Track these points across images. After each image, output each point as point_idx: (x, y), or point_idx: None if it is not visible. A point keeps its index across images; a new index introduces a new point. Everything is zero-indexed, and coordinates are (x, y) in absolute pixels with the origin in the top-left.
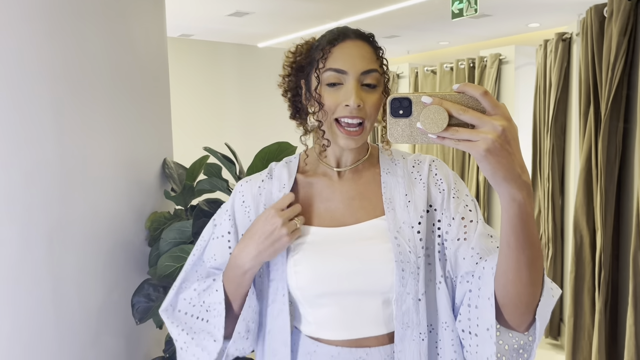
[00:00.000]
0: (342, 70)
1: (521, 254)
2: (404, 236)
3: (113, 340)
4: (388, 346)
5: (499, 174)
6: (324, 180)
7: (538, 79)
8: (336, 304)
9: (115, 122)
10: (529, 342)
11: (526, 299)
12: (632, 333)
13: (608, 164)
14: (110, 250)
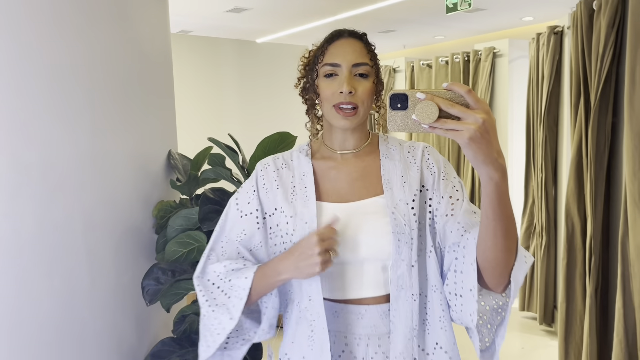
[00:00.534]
0: (336, 63)
1: (498, 224)
2: (400, 212)
3: (124, 322)
4: (384, 305)
5: (480, 158)
6: (330, 162)
7: (531, 72)
8: (341, 269)
9: (123, 116)
10: (505, 302)
11: (503, 263)
12: (621, 315)
13: (597, 154)
14: (121, 236)
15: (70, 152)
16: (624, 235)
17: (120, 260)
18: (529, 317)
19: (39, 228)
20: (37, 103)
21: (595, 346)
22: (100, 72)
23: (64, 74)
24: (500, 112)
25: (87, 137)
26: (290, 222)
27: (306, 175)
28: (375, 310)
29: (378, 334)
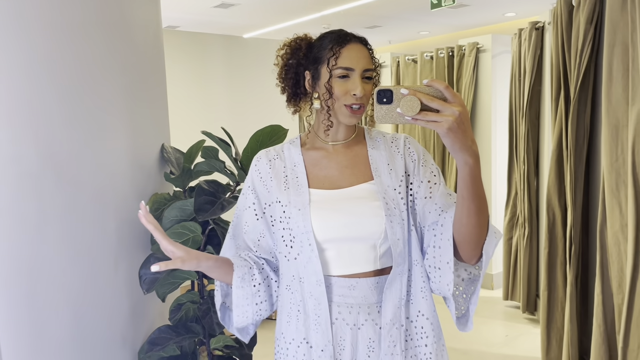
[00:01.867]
0: (350, 68)
1: (472, 203)
2: (389, 196)
3: (122, 311)
4: (373, 278)
5: (456, 146)
6: (322, 152)
7: (513, 67)
8: (335, 247)
9: (117, 110)
10: (478, 273)
11: (476, 238)
12: (600, 301)
13: (577, 146)
14: (117, 228)
15: (68, 146)
16: (602, 224)
17: (118, 251)
18: (512, 306)
19: (41, 220)
20: (35, 99)
21: (576, 332)
22: (95, 68)
23: (57, 69)
24: (484, 106)
25: (84, 131)
26: (286, 210)
27: (297, 166)
28: (365, 282)
29: (367, 304)
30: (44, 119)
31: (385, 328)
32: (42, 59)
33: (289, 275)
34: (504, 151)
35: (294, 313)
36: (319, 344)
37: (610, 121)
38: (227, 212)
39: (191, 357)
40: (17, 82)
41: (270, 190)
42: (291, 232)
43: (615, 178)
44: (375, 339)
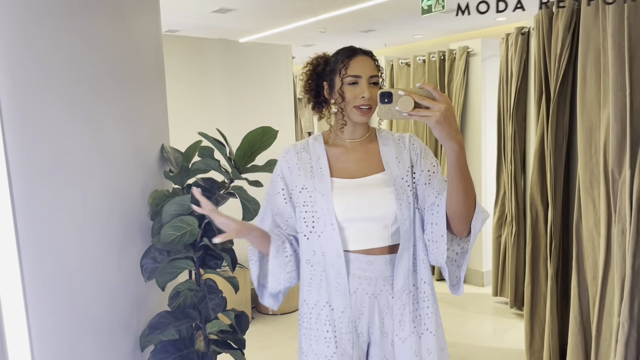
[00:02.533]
0: (358, 75)
1: (459, 183)
2: (398, 184)
3: (125, 298)
4: (387, 255)
5: (443, 135)
6: (341, 149)
7: (501, 70)
8: (354, 226)
9: (121, 113)
10: (467, 246)
11: (464, 214)
12: (576, 294)
13: (556, 147)
14: (121, 222)
15: (79, 146)
16: (578, 220)
17: (121, 244)
18: (501, 302)
19: (54, 214)
20: (44, 101)
21: (557, 323)
22: (102, 74)
23: (68, 76)
24: (474, 108)
25: (91, 132)
26: (312, 195)
27: (321, 159)
28: (381, 259)
29: (383, 276)
30: (58, 123)
31: (396, 295)
32: (55, 66)
33: (310, 251)
34: (493, 152)
35: (315, 283)
36: (339, 307)
37: (584, 123)
38: (221, 206)
39: (189, 341)
40: (35, 89)
41: (297, 178)
42: (315, 214)
43: (589, 177)
44: (388, 304)
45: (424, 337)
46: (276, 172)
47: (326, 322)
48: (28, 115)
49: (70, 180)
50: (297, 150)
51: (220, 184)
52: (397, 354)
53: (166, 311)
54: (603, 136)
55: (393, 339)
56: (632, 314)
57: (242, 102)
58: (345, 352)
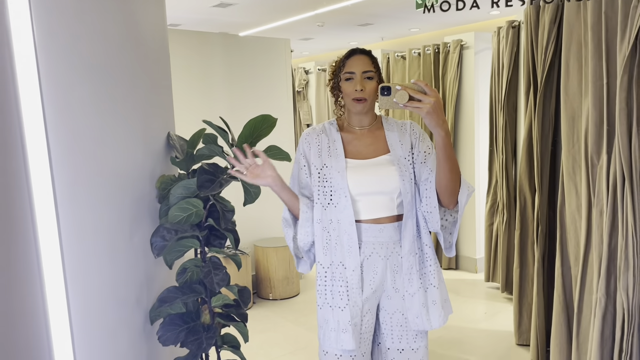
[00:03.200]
0: (352, 72)
1: (445, 164)
2: (401, 163)
3: (136, 275)
4: (395, 223)
5: (433, 123)
6: (352, 135)
7: (493, 63)
8: (365, 199)
9: (130, 102)
10: (456, 216)
11: (451, 189)
12: (560, 274)
13: (543, 135)
14: (132, 204)
15: (92, 132)
16: (562, 205)
17: (132, 225)
18: (492, 287)
19: (73, 193)
20: (70, 88)
21: (543, 304)
22: (113, 62)
23: (85, 63)
24: (467, 100)
25: (104, 120)
26: (328, 172)
27: (336, 142)
28: (391, 226)
29: (393, 242)
30: (79, 108)
31: (405, 257)
32: (75, 57)
33: (326, 219)
34: (485, 142)
35: (332, 246)
36: (351, 266)
37: (567, 112)
38: (225, 189)
39: (195, 314)
40: (65, 79)
41: (317, 157)
42: (332, 188)
43: (571, 163)
44: (398, 264)
45: (429, 291)
46: (299, 152)
47: (340, 279)
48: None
49: (86, 163)
50: (317, 132)
51: (224, 168)
52: (408, 306)
53: (174, 286)
54: (584, 124)
55: (404, 294)
56: (608, 290)
57: (242, 94)
58: (355, 303)
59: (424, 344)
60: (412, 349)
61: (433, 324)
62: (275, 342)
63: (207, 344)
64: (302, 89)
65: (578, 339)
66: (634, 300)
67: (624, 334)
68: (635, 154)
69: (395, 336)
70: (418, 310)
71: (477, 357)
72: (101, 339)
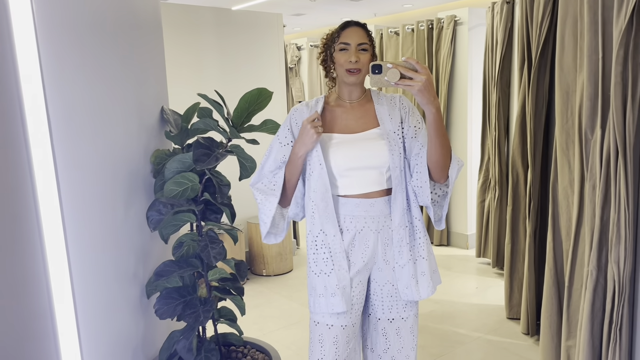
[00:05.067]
0: (347, 43)
1: (436, 139)
2: (391, 137)
3: (132, 250)
4: (385, 197)
5: (424, 101)
6: (341, 108)
7: (487, 39)
8: (354, 174)
9: (124, 76)
10: (446, 190)
11: (442, 164)
12: (551, 248)
13: (536, 111)
14: (127, 178)
15: (87, 105)
16: (554, 180)
17: (127, 198)
18: (483, 262)
19: (67, 171)
20: (67, 59)
21: (534, 278)
22: (107, 37)
23: (79, 38)
24: (461, 77)
25: (97, 93)
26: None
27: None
28: (381, 200)
29: (384, 215)
30: (72, 79)
31: (395, 230)
32: (72, 33)
33: (310, 191)
34: (478, 119)
35: (317, 215)
36: (331, 232)
37: (562, 87)
38: (220, 163)
39: (192, 288)
40: (64, 48)
41: None
42: (319, 160)
43: (565, 138)
44: (389, 237)
45: (419, 262)
46: (285, 127)
47: (323, 246)
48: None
49: (81, 136)
50: (304, 108)
51: (219, 143)
52: (398, 277)
53: (170, 260)
54: (578, 99)
55: (394, 265)
56: (599, 263)
57: (234, 69)
58: (340, 267)
59: (414, 313)
60: (402, 318)
61: (422, 294)
62: (269, 317)
63: (204, 317)
64: (295, 65)
65: (568, 312)
66: (624, 272)
67: (615, 305)
68: (629, 128)
69: (385, 306)
70: (408, 281)
71: (468, 330)
72: (101, 312)
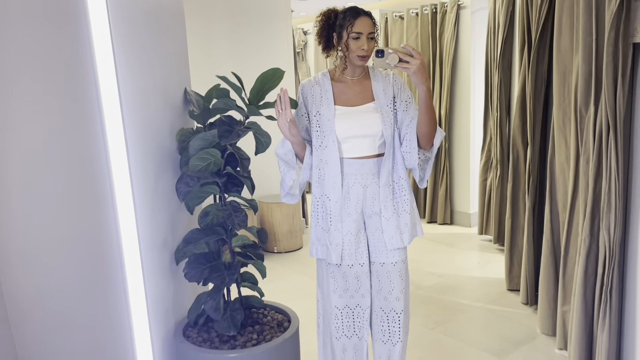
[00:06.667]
0: (360, 32)
1: (426, 114)
2: (384, 110)
3: (162, 220)
4: (375, 158)
5: (418, 81)
6: (344, 84)
7: (489, 22)
8: (352, 141)
9: (152, 61)
10: (430, 155)
11: (428, 134)
12: (548, 220)
13: (536, 90)
14: (155, 154)
15: (123, 86)
16: (552, 156)
17: (156, 172)
18: (485, 239)
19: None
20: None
21: (533, 251)
22: (136, 26)
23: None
24: (464, 59)
25: (132, 76)
26: (320, 119)
27: (328, 92)
28: (371, 161)
29: (372, 173)
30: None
31: (381, 187)
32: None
33: (317, 159)
34: (481, 101)
35: (321, 181)
36: (334, 198)
37: (559, 67)
38: (241, 139)
39: (217, 254)
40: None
41: (312, 105)
42: (323, 133)
43: (562, 116)
44: (376, 192)
45: (402, 216)
46: (299, 100)
47: (325, 207)
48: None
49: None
50: (312, 84)
51: (239, 121)
52: (384, 228)
53: (197, 229)
54: (574, 79)
55: (381, 217)
56: (592, 231)
57: (245, 53)
58: (336, 228)
59: (402, 259)
60: (392, 262)
61: (404, 241)
62: (283, 290)
63: (229, 279)
64: (301, 49)
65: (564, 279)
66: (614, 238)
67: (605, 269)
68: (619, 104)
69: (378, 252)
70: (393, 232)
71: (471, 300)
72: (137, 276)
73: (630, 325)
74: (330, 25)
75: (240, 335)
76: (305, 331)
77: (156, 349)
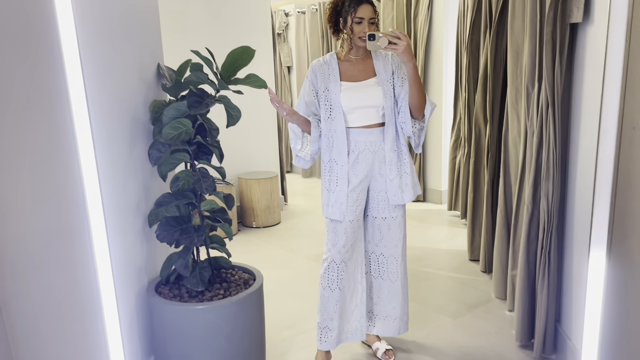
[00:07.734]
0: (362, 17)
1: (414, 87)
2: (385, 85)
3: (135, 185)
4: (381, 127)
5: (404, 59)
6: (349, 63)
7: (460, 5)
8: (358, 111)
9: (125, 37)
10: (423, 125)
11: (419, 105)
12: (502, 192)
13: (495, 70)
14: (130, 123)
15: (97, 62)
16: (506, 131)
17: (131, 140)
18: (454, 215)
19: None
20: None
21: (490, 222)
22: (109, 7)
23: (94, 20)
24: (436, 41)
25: (105, 53)
26: (328, 94)
27: (335, 70)
28: (377, 130)
29: (379, 141)
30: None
31: (387, 152)
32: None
33: (326, 129)
34: (452, 81)
35: (330, 147)
36: (340, 162)
37: (512, 47)
38: (215, 113)
39: (187, 217)
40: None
41: (321, 82)
42: (331, 106)
43: (515, 94)
44: (382, 157)
45: (403, 177)
46: (308, 78)
47: (332, 171)
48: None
49: (95, 84)
50: (320, 63)
51: (209, 94)
52: (388, 187)
53: (168, 193)
54: (525, 58)
55: (386, 178)
56: (534, 198)
57: (223, 32)
58: (342, 189)
59: (401, 214)
60: (392, 217)
61: (405, 199)
62: (257, 260)
63: (197, 240)
64: (283, 31)
65: (514, 246)
66: (552, 204)
67: (545, 233)
68: (557, 81)
69: (380, 208)
70: (395, 190)
71: (434, 269)
72: (112, 238)
73: (567, 283)
74: (337, 12)
75: (208, 291)
76: (276, 296)
77: (128, 304)
